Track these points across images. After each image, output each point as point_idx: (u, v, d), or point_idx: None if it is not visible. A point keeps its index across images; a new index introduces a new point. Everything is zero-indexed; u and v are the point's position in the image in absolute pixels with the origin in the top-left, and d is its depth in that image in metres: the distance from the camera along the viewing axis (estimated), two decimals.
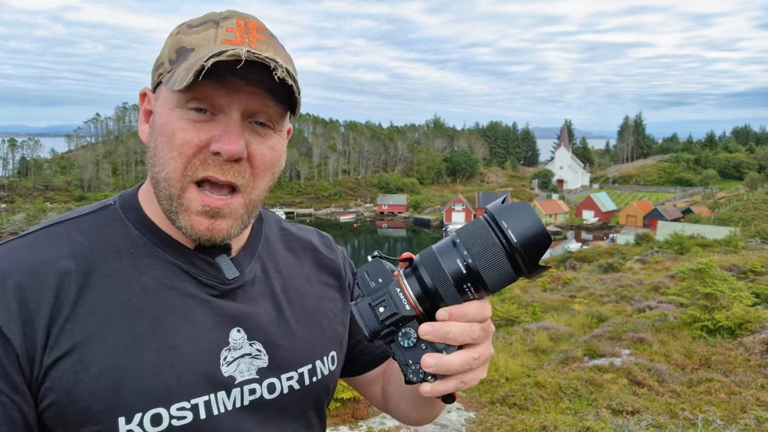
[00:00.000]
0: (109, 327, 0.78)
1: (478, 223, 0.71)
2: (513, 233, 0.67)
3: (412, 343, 0.71)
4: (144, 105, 0.89)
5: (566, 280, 21.46)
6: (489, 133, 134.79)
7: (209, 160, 0.80)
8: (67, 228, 0.85)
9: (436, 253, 0.71)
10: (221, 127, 0.80)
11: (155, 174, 0.83)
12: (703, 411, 5.82)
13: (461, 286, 0.70)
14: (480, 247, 0.68)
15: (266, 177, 0.86)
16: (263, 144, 0.84)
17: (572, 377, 7.72)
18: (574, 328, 12.27)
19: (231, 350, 0.86)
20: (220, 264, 0.89)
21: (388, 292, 0.72)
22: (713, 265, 9.66)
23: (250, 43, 0.81)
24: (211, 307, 0.86)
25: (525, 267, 0.68)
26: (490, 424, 6.03)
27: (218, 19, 0.83)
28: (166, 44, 0.85)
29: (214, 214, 0.82)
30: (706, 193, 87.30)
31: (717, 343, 8.59)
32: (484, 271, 0.68)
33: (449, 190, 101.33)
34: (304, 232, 1.12)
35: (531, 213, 0.68)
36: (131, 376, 0.77)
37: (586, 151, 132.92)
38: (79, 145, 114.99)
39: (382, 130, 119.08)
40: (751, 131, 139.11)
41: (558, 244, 63.98)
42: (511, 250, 0.67)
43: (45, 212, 53.36)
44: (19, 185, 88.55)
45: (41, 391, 0.75)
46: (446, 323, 0.70)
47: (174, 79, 0.78)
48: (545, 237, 0.67)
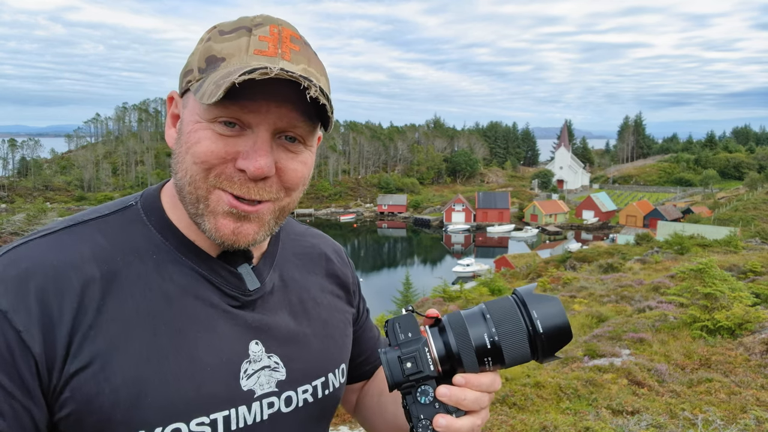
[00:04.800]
0: (132, 335, 0.77)
1: (509, 304, 0.76)
2: (541, 323, 0.73)
3: (429, 401, 0.76)
4: (171, 109, 0.87)
5: (566, 280, 21.44)
6: (489, 133, 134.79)
7: (235, 177, 0.78)
8: (89, 229, 0.83)
9: (465, 322, 0.76)
10: (249, 144, 0.77)
11: (179, 180, 0.81)
12: (703, 411, 5.82)
13: (482, 359, 0.76)
14: (508, 328, 0.74)
15: (298, 190, 0.84)
16: (294, 160, 0.81)
17: (572, 377, 7.72)
18: (574, 328, 12.27)
19: (251, 363, 0.85)
20: (242, 274, 0.88)
21: (418, 351, 0.76)
22: (713, 265, 9.65)
23: (283, 54, 0.78)
24: (233, 318, 0.85)
25: (542, 353, 0.75)
26: (490, 424, 6.03)
27: (251, 25, 0.79)
28: (197, 50, 0.81)
29: (241, 218, 0.80)
30: (706, 193, 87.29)
31: (717, 343, 8.58)
32: (507, 349, 0.74)
33: (449, 190, 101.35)
34: (318, 240, 1.11)
35: (559, 308, 0.74)
36: (153, 388, 0.75)
37: (586, 151, 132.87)
38: (79, 145, 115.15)
39: (382, 130, 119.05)
40: (751, 131, 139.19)
41: (558, 244, 63.99)
42: (534, 337, 0.74)
43: (45, 212, 53.22)
44: (19, 185, 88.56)
45: (60, 399, 0.74)
46: (463, 390, 0.76)
47: (203, 91, 0.74)
48: (568, 333, 0.74)
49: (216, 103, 0.72)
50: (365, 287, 21.64)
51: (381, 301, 33.16)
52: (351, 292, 1.10)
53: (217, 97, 0.70)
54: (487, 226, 77.73)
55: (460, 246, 70.65)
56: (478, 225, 78.30)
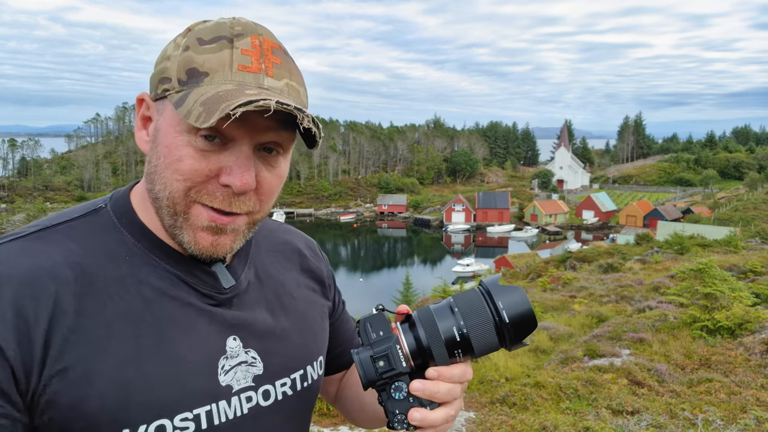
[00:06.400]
0: (113, 339, 0.77)
1: (476, 296, 0.79)
2: (506, 312, 0.76)
3: (403, 396, 0.79)
4: (142, 111, 0.86)
5: (566, 280, 21.44)
6: (489, 133, 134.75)
7: (217, 192, 0.79)
8: (58, 234, 0.82)
9: (434, 317, 0.79)
10: (232, 159, 0.78)
11: (157, 192, 0.81)
12: (703, 411, 5.82)
13: (452, 351, 0.78)
14: (475, 320, 0.77)
15: (271, 200, 0.86)
16: (272, 172, 0.83)
17: (572, 377, 7.72)
18: (574, 328, 12.27)
19: (228, 358, 0.86)
20: (216, 272, 0.89)
21: (389, 349, 0.79)
22: (713, 265, 9.65)
23: (266, 69, 0.79)
24: (210, 316, 0.86)
25: (509, 341, 0.78)
26: (490, 424, 6.03)
27: (231, 35, 0.79)
28: (173, 57, 0.80)
29: (218, 231, 0.81)
30: (706, 193, 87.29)
31: (717, 343, 8.58)
32: (475, 340, 0.77)
33: (449, 190, 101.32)
34: (291, 236, 1.13)
35: (523, 297, 0.77)
36: (137, 389, 0.76)
37: (586, 151, 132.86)
38: (79, 145, 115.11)
39: (382, 130, 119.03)
40: (751, 131, 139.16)
41: (558, 244, 63.98)
42: (501, 326, 0.77)
43: (45, 212, 53.33)
44: (19, 185, 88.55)
45: (40, 404, 0.73)
46: (435, 383, 0.79)
47: (187, 108, 0.74)
48: (532, 320, 0.77)
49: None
50: (365, 287, 21.63)
51: (381, 301, 32.89)
52: (326, 285, 1.12)
53: (209, 123, 0.70)
54: (487, 226, 77.72)
55: (460, 246, 70.64)
56: (478, 225, 78.30)
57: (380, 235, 79.07)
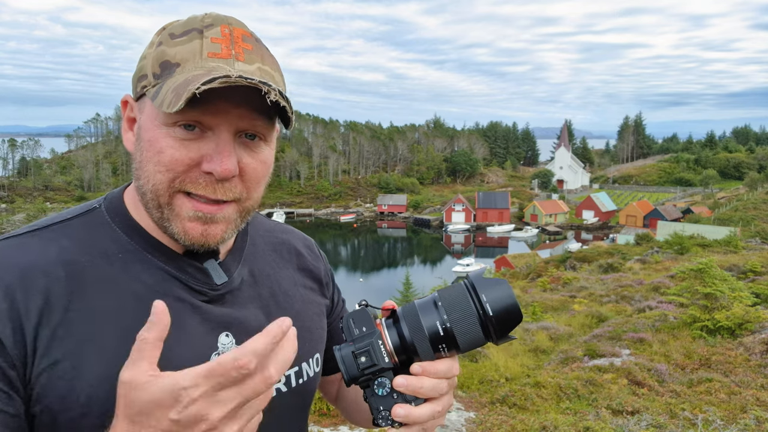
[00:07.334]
0: (103, 334, 0.77)
1: (460, 290, 0.78)
2: (490, 306, 0.75)
3: (386, 392, 0.78)
4: (127, 113, 0.88)
5: (566, 280, 21.45)
6: (489, 133, 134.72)
7: (200, 179, 0.79)
8: (54, 233, 0.84)
9: (418, 311, 0.78)
10: (212, 146, 0.78)
11: (141, 186, 0.82)
12: (703, 411, 5.82)
13: (437, 346, 0.77)
14: (459, 314, 0.76)
15: (260, 188, 0.87)
16: (254, 158, 0.83)
17: (572, 377, 7.72)
18: (574, 328, 12.27)
19: (220, 355, 0.83)
20: (209, 269, 0.89)
21: (371, 344, 0.77)
22: (713, 265, 9.66)
23: (237, 55, 0.80)
24: (202, 312, 0.86)
25: (495, 335, 0.76)
26: (490, 424, 6.03)
27: (201, 27, 0.80)
28: (148, 54, 0.83)
29: (208, 220, 0.81)
30: (706, 193, 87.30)
31: (717, 343, 8.58)
32: (460, 335, 0.76)
33: (449, 190, 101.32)
34: (288, 235, 1.13)
35: (508, 291, 0.76)
36: None
37: (586, 151, 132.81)
38: (79, 145, 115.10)
39: (382, 130, 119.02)
40: (751, 131, 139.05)
41: (558, 244, 64.00)
42: (485, 320, 0.75)
43: (45, 212, 53.33)
44: (19, 185, 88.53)
45: (32, 396, 0.74)
46: (419, 378, 0.78)
47: (161, 98, 0.75)
48: (517, 314, 0.76)
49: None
50: (365, 287, 21.60)
51: (381, 301, 32.91)
52: (324, 283, 1.13)
53: (178, 107, 0.71)
54: (487, 226, 77.70)
55: (460, 246, 70.63)
56: (478, 225, 78.27)
57: (380, 235, 79.07)
